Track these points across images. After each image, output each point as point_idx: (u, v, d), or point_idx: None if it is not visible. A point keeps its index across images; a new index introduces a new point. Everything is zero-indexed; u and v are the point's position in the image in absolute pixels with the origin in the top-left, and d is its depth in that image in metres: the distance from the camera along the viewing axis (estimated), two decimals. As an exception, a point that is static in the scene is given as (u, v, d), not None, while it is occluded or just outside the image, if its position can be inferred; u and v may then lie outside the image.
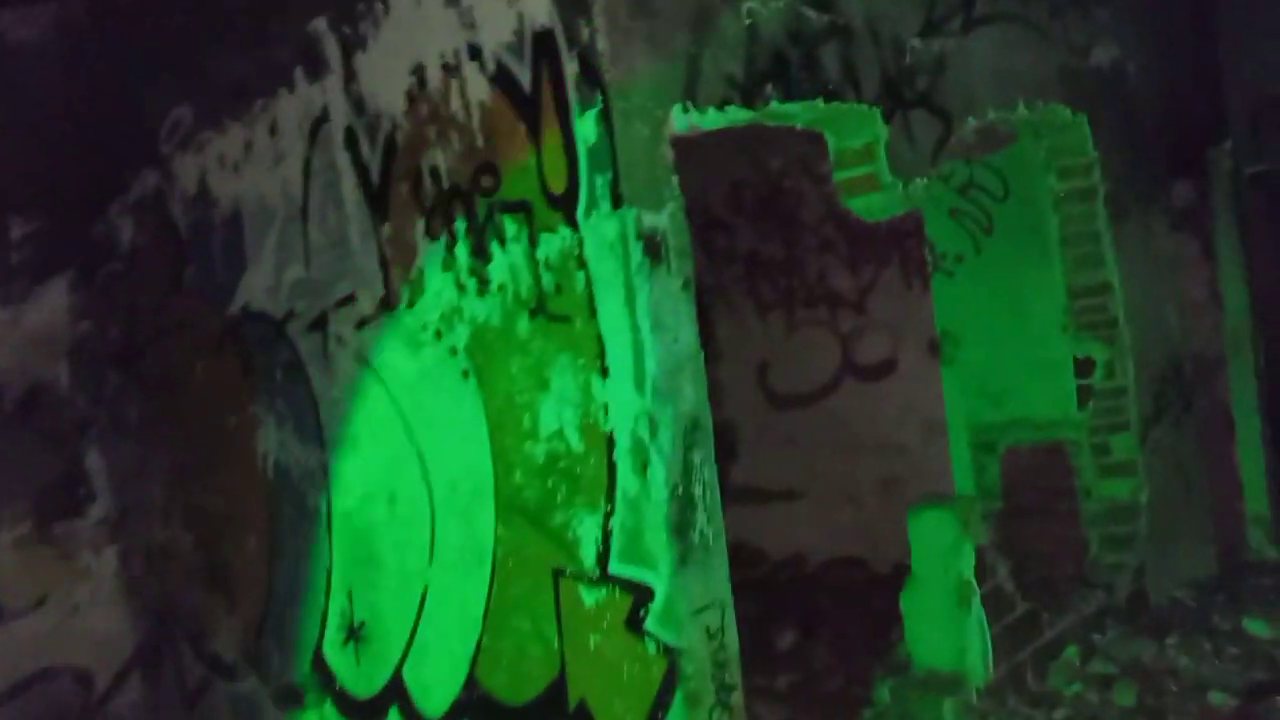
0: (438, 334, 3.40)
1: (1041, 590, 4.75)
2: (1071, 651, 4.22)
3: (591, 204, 2.91)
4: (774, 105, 3.23)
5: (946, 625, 3.91)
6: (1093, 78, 4.82)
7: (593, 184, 2.90)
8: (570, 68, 2.90)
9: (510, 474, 3.24)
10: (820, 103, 3.39)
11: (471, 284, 3.26)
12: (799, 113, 3.40)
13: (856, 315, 5.66)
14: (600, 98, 2.85)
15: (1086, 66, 4.77)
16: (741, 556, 6.13)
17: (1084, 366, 4.94)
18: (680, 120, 2.97)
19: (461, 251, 3.27)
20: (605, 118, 2.85)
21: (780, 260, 5.90)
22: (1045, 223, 4.96)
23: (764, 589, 5.82)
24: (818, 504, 5.90)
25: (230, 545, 4.42)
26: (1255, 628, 4.36)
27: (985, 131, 4.26)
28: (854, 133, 3.66)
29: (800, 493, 5.97)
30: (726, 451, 6.26)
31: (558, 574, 3.12)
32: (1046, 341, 5.01)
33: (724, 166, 5.99)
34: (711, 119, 3.07)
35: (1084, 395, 4.95)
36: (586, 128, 2.88)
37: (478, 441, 3.31)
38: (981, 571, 3.95)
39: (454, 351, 3.35)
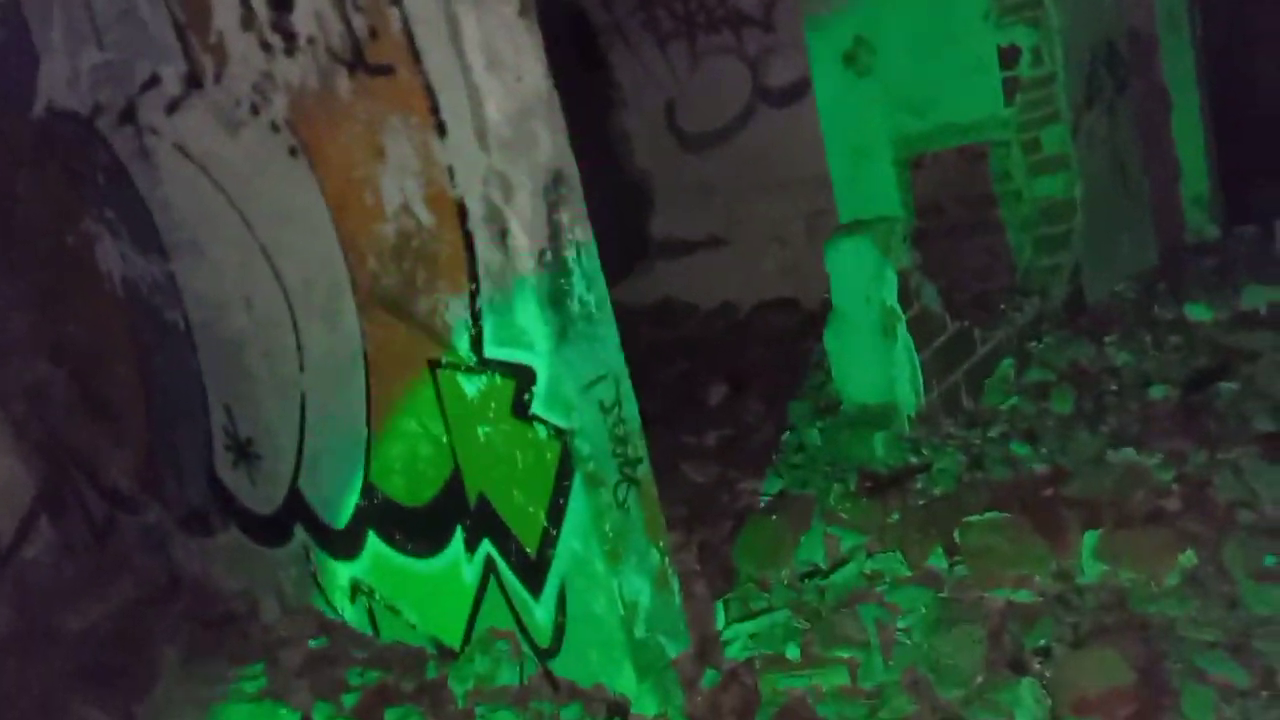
0: (254, 108, 2.88)
1: (975, 306, 4.51)
2: (1006, 365, 4.00)
3: (390, -82, 2.34)
4: None
5: (873, 358, 3.65)
6: None
7: (395, -110, 2.32)
8: None
9: (364, 261, 2.82)
10: None
11: (277, 41, 2.71)
12: None
13: (764, 34, 5.09)
14: None
15: None
16: (670, 311, 5.84)
17: (1010, 56, 4.47)
18: None
19: (259, 4, 2.70)
20: None
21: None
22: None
23: (695, 343, 5.56)
24: (743, 248, 5.55)
25: (102, 374, 4.03)
26: (1196, 312, 4.14)
27: None
28: None
29: (724, 239, 5.60)
30: (644, 203, 5.84)
31: (434, 365, 2.77)
32: (969, 34, 4.50)
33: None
34: None
35: (1011, 88, 4.51)
36: None
37: (322, 229, 2.86)
38: (907, 296, 3.65)
39: (275, 127, 2.84)
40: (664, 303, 5.84)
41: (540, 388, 2.55)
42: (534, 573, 2.78)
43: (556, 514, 2.65)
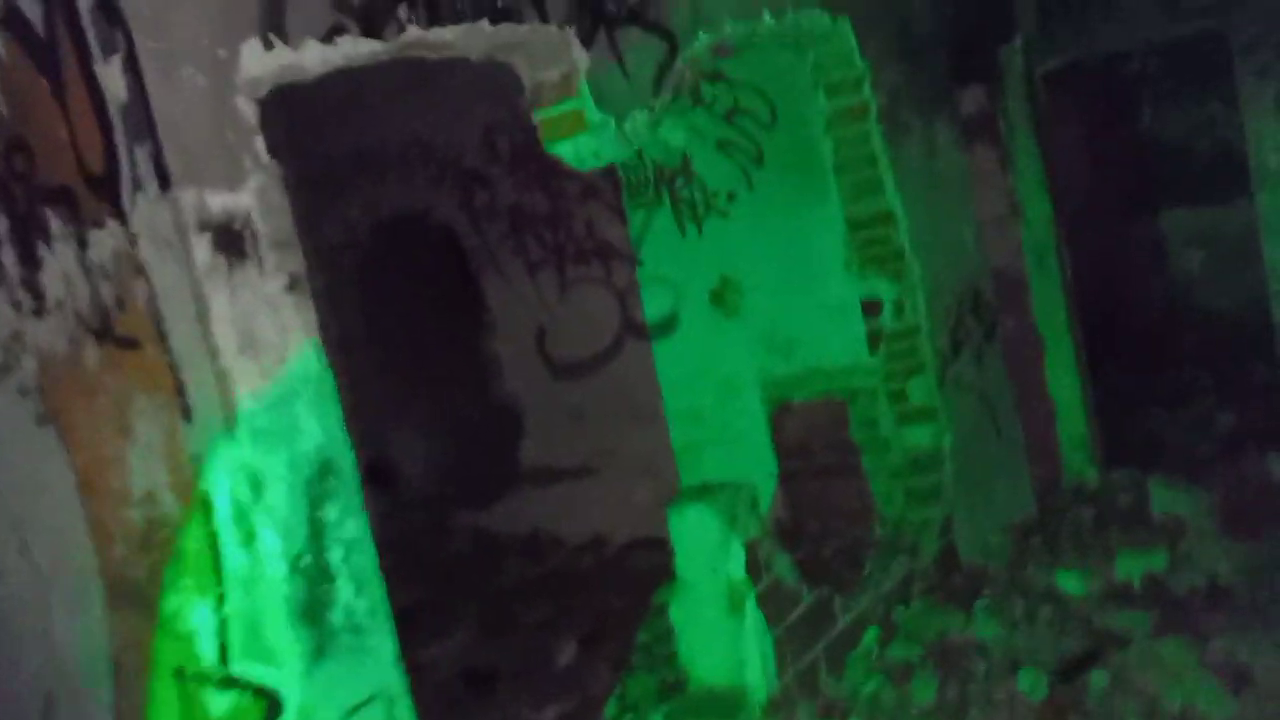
0: (5, 368, 2.54)
1: (842, 558, 4.23)
2: (870, 636, 3.69)
3: (136, 186, 2.08)
4: (412, 32, 2.44)
5: (721, 635, 3.31)
6: (854, -23, 4.17)
7: (133, 158, 2.07)
8: (86, -3, 2.05)
9: (110, 547, 2.44)
10: (486, 26, 2.62)
11: (27, 300, 2.41)
12: (459, 41, 2.62)
13: (632, 267, 4.96)
14: (122, 37, 2.01)
15: (845, -36, 4.11)
16: (538, 544, 5.47)
17: (872, 307, 4.37)
18: (257, 61, 2.15)
19: (9, 258, 2.41)
20: (132, 65, 2.02)
21: (545, 213, 5.14)
22: (818, 149, 4.33)
23: (561, 580, 5.18)
24: (614, 479, 5.25)
25: None
26: (1069, 585, 3.91)
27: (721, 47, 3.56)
28: (546, 61, 2.91)
29: (594, 469, 5.31)
30: (514, 430, 5.55)
31: (180, 676, 2.35)
32: (830, 282, 4.41)
33: (475, 109, 5.17)
34: (314, 56, 2.26)
35: (875, 339, 4.39)
36: (113, 80, 2.05)
37: (69, 506, 2.49)
38: (757, 567, 3.36)
39: (24, 391, 2.50)
40: (532, 535, 5.47)
41: (289, 714, 2.15)
42: None
43: None
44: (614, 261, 4.98)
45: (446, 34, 2.54)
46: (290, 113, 4.37)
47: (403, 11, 2.41)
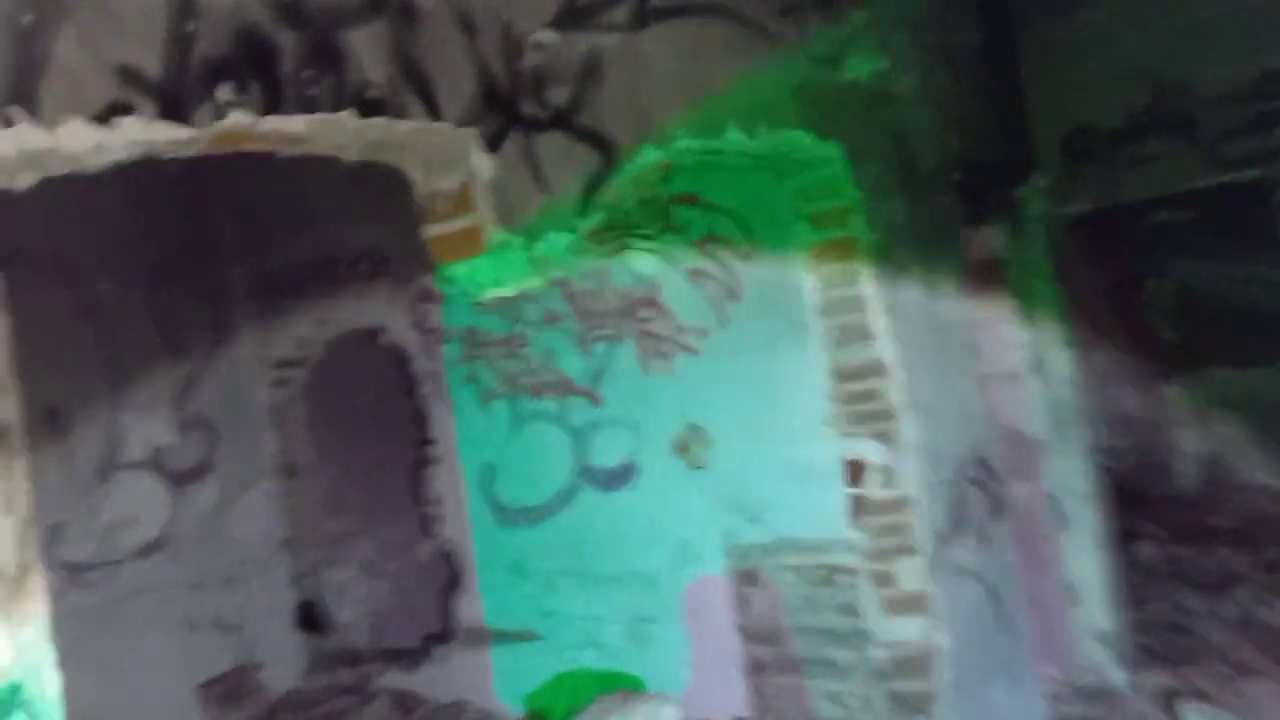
0: None
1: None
2: None
3: None
4: (235, 118, 1.91)
5: None
6: (847, 97, 3.67)
7: None
8: None
9: None
10: (350, 119, 2.09)
11: None
12: (314, 134, 2.10)
13: (591, 405, 4.37)
14: None
15: (836, 82, 3.61)
16: (465, 718, 4.74)
17: (855, 471, 3.73)
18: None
19: None
20: None
21: (500, 338, 4.59)
22: (799, 286, 3.77)
23: (486, 763, 4.44)
24: (557, 648, 4.55)
25: None
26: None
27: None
28: (441, 167, 2.38)
29: (534, 634, 4.61)
30: (452, 580, 4.89)
31: None
32: (809, 439, 3.80)
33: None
34: (82, 140, 1.72)
35: (857, 509, 3.74)
36: None
37: None
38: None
39: None
40: (457, 706, 4.75)
41: None
42: None
43: None
44: (570, 398, 4.39)
45: (291, 124, 2.01)
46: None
47: (224, 92, 1.89)
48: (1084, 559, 4.84)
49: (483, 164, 2.35)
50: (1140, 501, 5.75)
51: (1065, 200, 4.90)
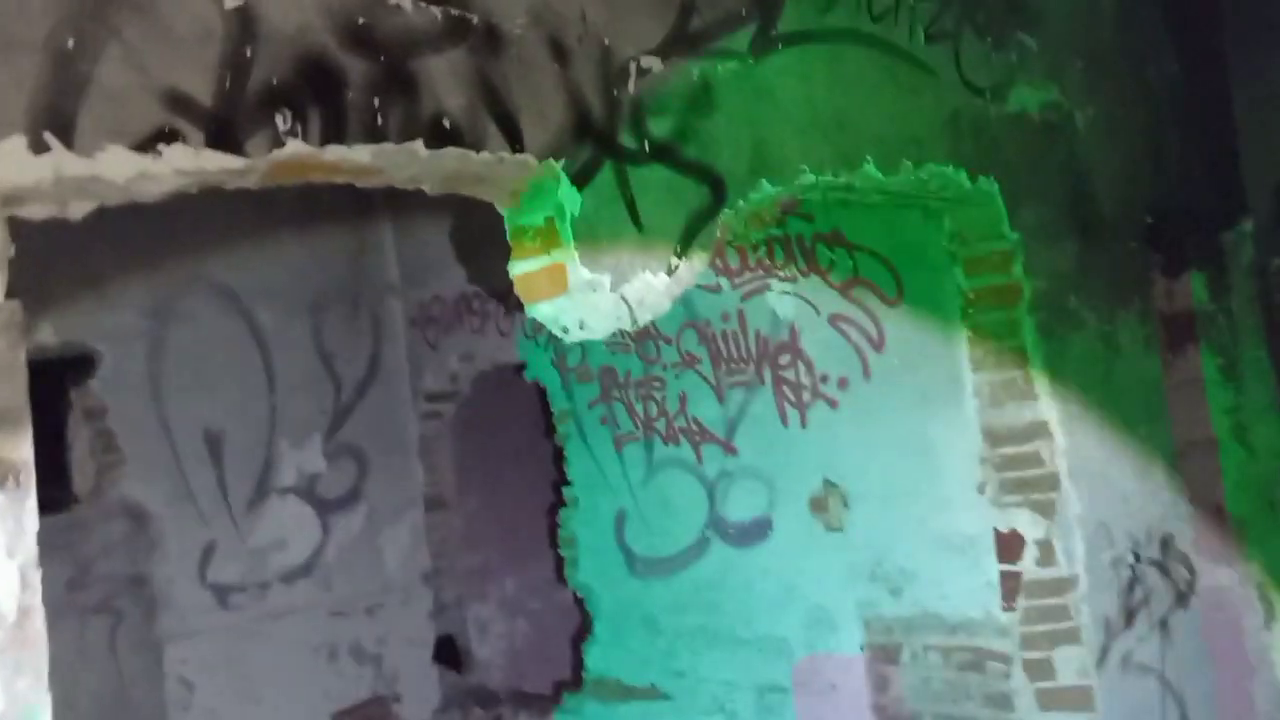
0: None
1: None
2: None
3: None
4: (295, 147, 1.80)
5: None
6: (1011, 130, 3.29)
7: None
8: None
9: None
10: (421, 149, 1.95)
11: None
12: (383, 165, 1.97)
13: (725, 454, 4.12)
14: None
15: (997, 113, 3.24)
16: (588, 772, 4.54)
17: (1010, 545, 3.31)
18: (15, 167, 1.56)
19: None
20: None
21: (638, 379, 4.41)
22: (951, 337, 3.40)
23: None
24: (685, 709, 4.28)
25: None
26: None
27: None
28: (529, 202, 2.22)
29: (665, 692, 4.36)
30: (584, 626, 4.72)
31: None
32: (957, 506, 3.40)
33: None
34: (123, 167, 1.65)
35: (1011, 587, 3.31)
36: None
37: None
38: None
39: None
40: (584, 760, 4.55)
41: None
42: None
43: None
44: (706, 445, 4.15)
45: (356, 154, 1.89)
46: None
47: (281, 120, 1.79)
48: (1295, 663, 4.17)
49: (569, 198, 2.17)
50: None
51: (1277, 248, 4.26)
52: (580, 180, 2.19)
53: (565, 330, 2.25)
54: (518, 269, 2.24)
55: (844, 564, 3.69)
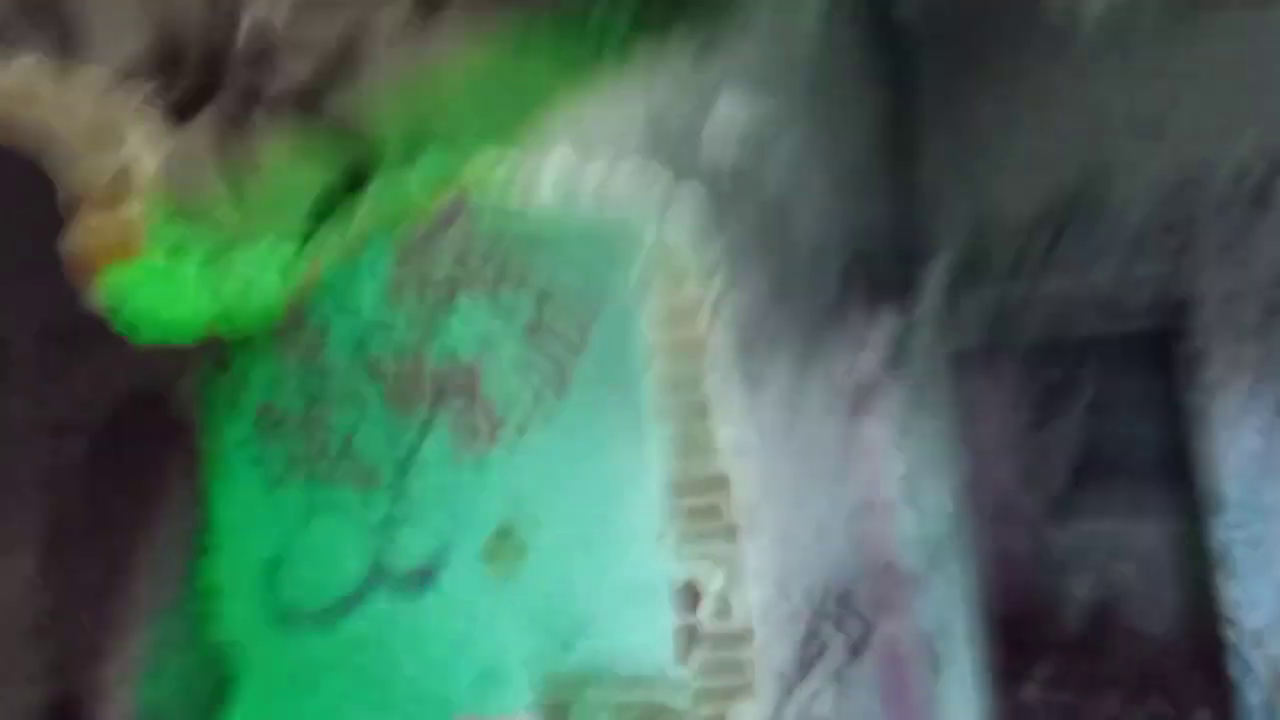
0: None
1: None
2: None
3: None
4: None
5: None
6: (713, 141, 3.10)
7: None
8: None
9: None
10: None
11: None
12: None
13: (393, 498, 3.64)
14: None
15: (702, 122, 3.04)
16: None
17: (688, 598, 3.06)
18: None
19: None
20: None
21: (297, 416, 3.85)
22: (636, 387, 3.14)
23: None
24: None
25: None
26: None
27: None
28: (92, 143, 1.71)
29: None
30: (223, 691, 4.03)
31: None
32: (636, 555, 3.12)
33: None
34: None
35: (688, 640, 3.05)
36: None
37: None
38: None
39: None
40: None
41: None
42: None
43: None
44: (372, 486, 3.66)
45: None
46: None
47: None
48: (960, 705, 4.22)
49: (153, 139, 1.68)
50: (1023, 645, 5.15)
51: (955, 329, 4.37)
52: (176, 117, 1.71)
53: (136, 321, 1.74)
54: (79, 231, 1.72)
55: (516, 616, 3.31)
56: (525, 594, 3.29)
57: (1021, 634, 5.25)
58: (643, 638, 3.08)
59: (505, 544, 3.34)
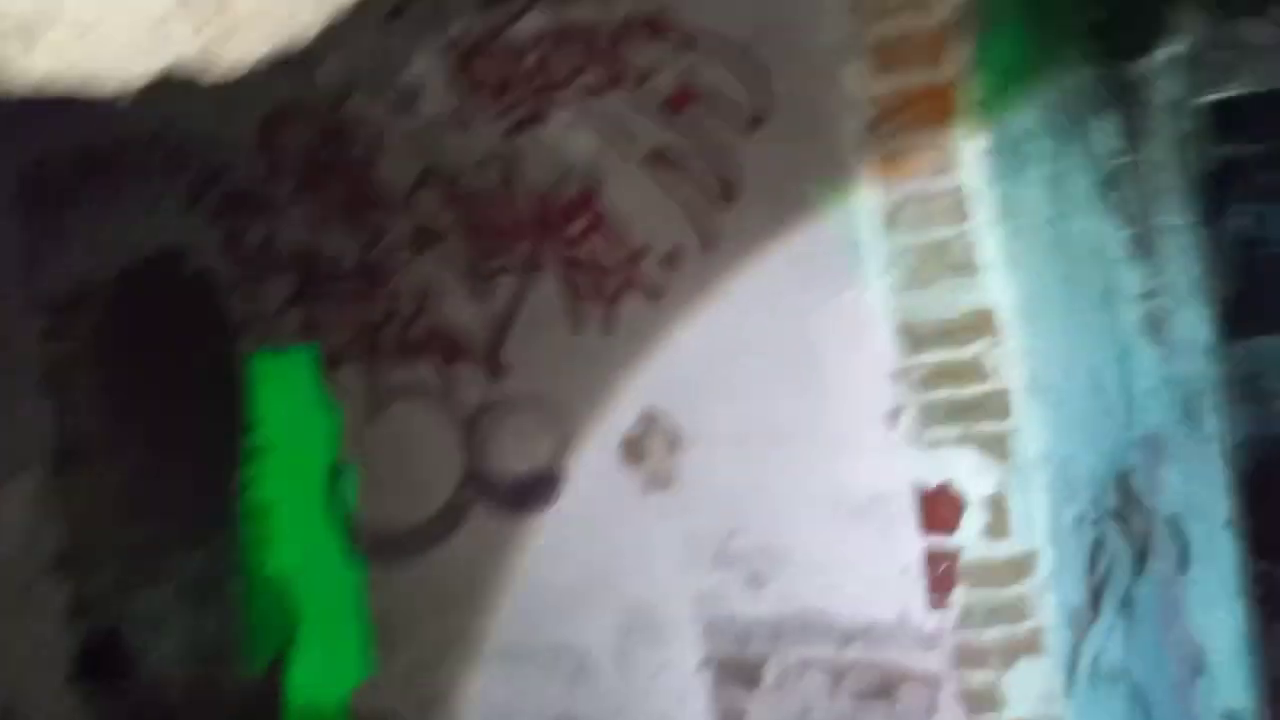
0: None
1: None
2: None
3: None
4: None
5: None
6: None
7: None
8: None
9: None
10: None
11: None
12: None
13: (489, 376, 2.62)
14: None
15: None
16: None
17: (941, 504, 2.03)
18: None
19: None
20: None
21: (352, 268, 2.82)
22: (845, 177, 2.04)
23: None
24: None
25: None
26: None
27: None
28: None
29: (397, 713, 2.90)
30: (282, 631, 3.16)
31: None
32: (855, 448, 2.09)
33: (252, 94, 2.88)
34: None
35: (942, 570, 2.05)
36: None
37: None
38: None
39: None
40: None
41: None
42: None
43: None
44: (459, 364, 2.64)
45: None
46: None
47: None
48: (1216, 616, 3.21)
49: None
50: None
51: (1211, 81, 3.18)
52: None
53: None
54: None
55: (675, 539, 2.32)
56: (688, 508, 2.30)
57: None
58: (871, 571, 2.08)
59: (653, 438, 2.34)
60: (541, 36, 2.38)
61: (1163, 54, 3.12)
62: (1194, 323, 3.24)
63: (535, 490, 2.54)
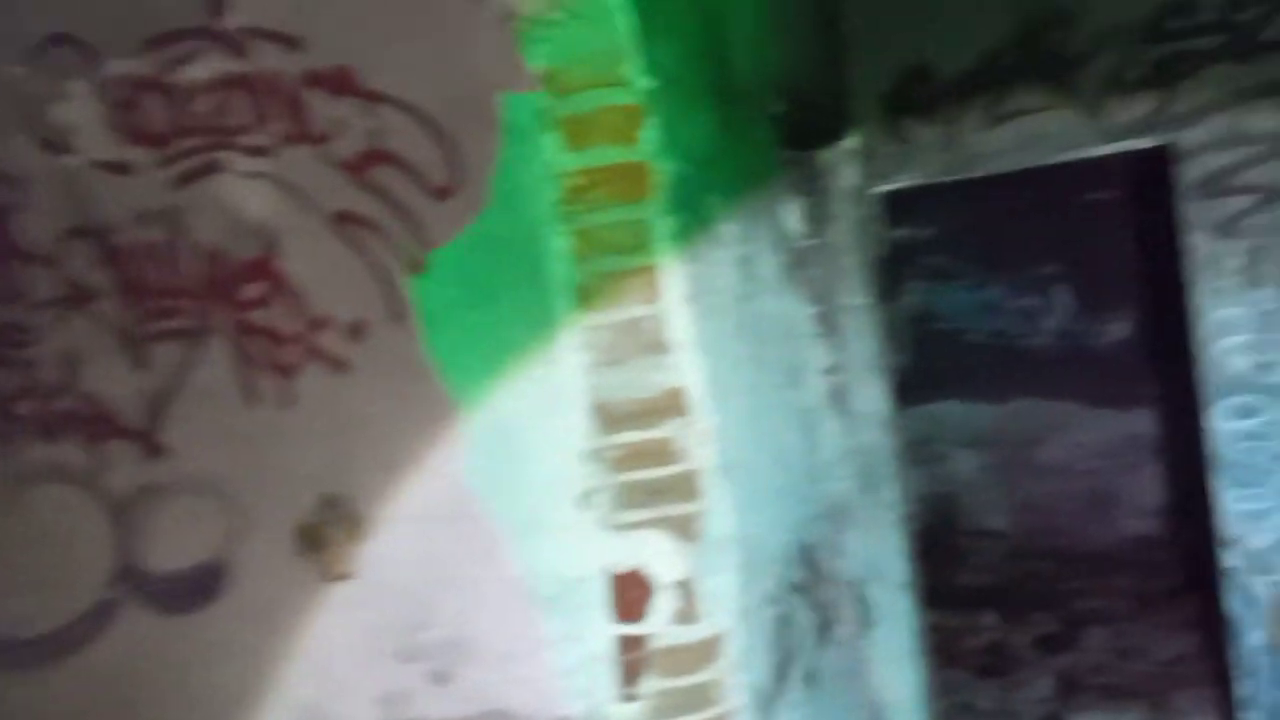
0: None
1: None
2: None
3: None
4: None
5: None
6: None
7: None
8: None
9: None
10: None
11: None
12: None
13: (146, 458, 2.31)
14: None
15: None
16: None
17: (631, 590, 1.98)
18: None
19: None
20: None
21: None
22: (541, 249, 1.97)
23: None
24: None
25: None
26: None
27: None
28: None
29: None
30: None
31: None
32: (548, 532, 1.99)
33: None
34: None
35: (633, 666, 1.99)
36: None
37: None
38: None
39: None
40: None
41: None
42: None
43: None
44: (111, 442, 2.31)
45: None
46: None
47: None
48: (894, 669, 3.40)
49: None
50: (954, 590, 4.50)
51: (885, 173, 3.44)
52: None
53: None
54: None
55: (356, 634, 2.12)
56: (369, 599, 2.10)
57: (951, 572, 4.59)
58: (561, 661, 1.98)
59: (332, 524, 2.13)
60: (215, 83, 2.16)
61: (842, 146, 3.35)
62: (873, 395, 3.45)
63: (198, 586, 2.25)
